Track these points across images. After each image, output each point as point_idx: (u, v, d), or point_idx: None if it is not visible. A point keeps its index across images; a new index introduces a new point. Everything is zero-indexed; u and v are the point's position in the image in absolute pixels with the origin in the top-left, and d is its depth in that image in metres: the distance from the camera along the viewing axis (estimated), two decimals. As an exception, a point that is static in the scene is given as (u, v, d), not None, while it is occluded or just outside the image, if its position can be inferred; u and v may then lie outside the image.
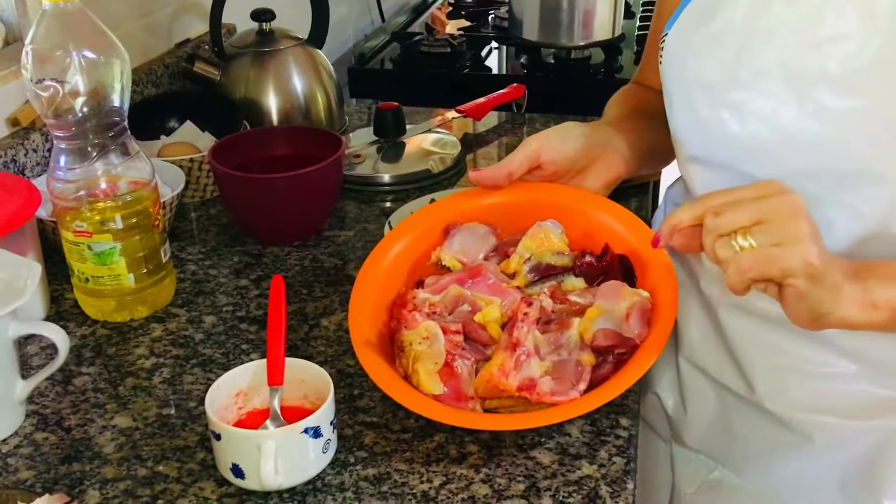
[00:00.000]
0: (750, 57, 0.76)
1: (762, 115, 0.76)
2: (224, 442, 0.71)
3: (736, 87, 0.77)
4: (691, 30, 0.81)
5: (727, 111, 0.78)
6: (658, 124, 0.92)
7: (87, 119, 0.85)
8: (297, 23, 1.41)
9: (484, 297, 0.81)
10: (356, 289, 0.82)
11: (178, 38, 1.45)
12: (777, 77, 0.74)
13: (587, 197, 0.87)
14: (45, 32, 0.82)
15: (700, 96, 0.80)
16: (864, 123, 0.71)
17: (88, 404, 0.82)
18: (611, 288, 0.79)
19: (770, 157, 0.76)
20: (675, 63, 0.83)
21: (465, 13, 2.10)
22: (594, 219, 0.86)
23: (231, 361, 0.88)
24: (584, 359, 0.75)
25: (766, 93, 0.75)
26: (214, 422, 0.71)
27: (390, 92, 1.71)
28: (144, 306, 0.94)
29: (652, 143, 0.93)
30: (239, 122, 1.25)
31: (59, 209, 0.89)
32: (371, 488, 0.72)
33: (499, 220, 0.88)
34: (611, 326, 0.76)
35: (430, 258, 0.87)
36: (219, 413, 0.73)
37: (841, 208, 0.74)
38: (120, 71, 0.85)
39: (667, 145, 0.88)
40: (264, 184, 1.04)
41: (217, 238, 1.11)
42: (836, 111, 0.72)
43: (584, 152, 0.87)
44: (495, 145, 1.40)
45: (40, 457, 0.76)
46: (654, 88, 1.00)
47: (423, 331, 0.77)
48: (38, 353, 0.89)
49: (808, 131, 0.73)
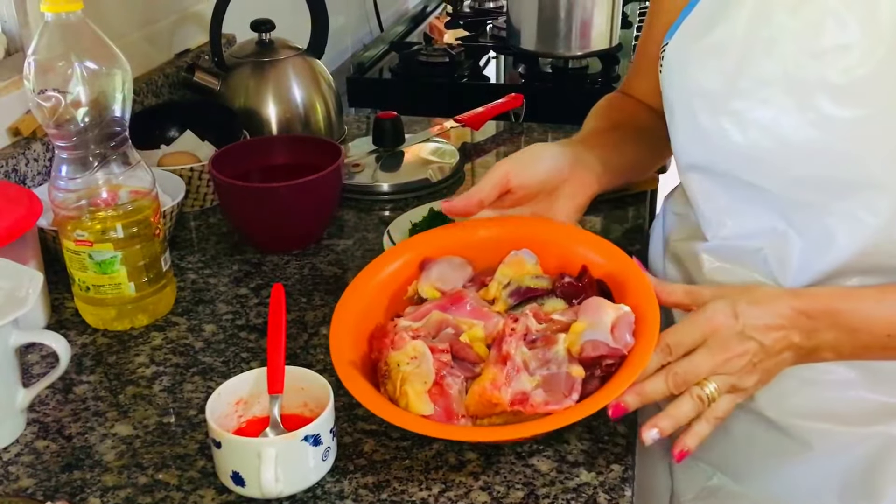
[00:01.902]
0: (751, 66, 0.77)
1: (763, 125, 0.76)
2: (224, 450, 0.71)
3: (737, 97, 0.78)
4: (692, 40, 0.81)
5: (728, 120, 0.78)
6: (636, 138, 0.93)
7: (88, 129, 0.85)
8: (297, 33, 1.41)
9: (466, 320, 0.80)
10: (335, 321, 0.80)
11: (179, 49, 1.46)
12: (778, 86, 0.75)
13: (558, 227, 0.87)
14: (47, 43, 0.83)
15: (701, 105, 0.80)
16: (865, 133, 0.72)
17: (89, 412, 0.83)
18: (593, 304, 0.79)
19: (771, 167, 0.77)
20: (675, 72, 0.83)
21: (463, 23, 2.11)
22: (568, 248, 0.85)
23: (231, 370, 0.88)
24: (573, 371, 0.75)
25: (768, 102, 0.76)
26: (215, 429, 0.71)
27: (389, 101, 1.71)
28: (145, 315, 0.95)
29: (627, 157, 0.94)
30: (238, 131, 1.26)
31: (61, 218, 0.90)
32: (370, 496, 0.72)
33: (472, 256, 0.87)
34: (598, 337, 0.76)
35: (406, 292, 0.86)
36: (219, 421, 0.73)
37: (842, 218, 0.75)
38: (121, 81, 0.86)
39: (644, 158, 0.89)
40: (264, 193, 1.05)
41: (217, 247, 1.12)
42: (837, 121, 0.72)
43: (555, 173, 0.86)
44: (493, 154, 1.41)
45: (41, 465, 0.77)
46: (637, 99, 1.01)
47: (411, 350, 0.76)
48: (39, 362, 0.90)
49: (809, 140, 0.74)
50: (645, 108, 0.99)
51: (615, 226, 1.15)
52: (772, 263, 0.80)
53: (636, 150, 0.92)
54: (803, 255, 0.78)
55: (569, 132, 1.45)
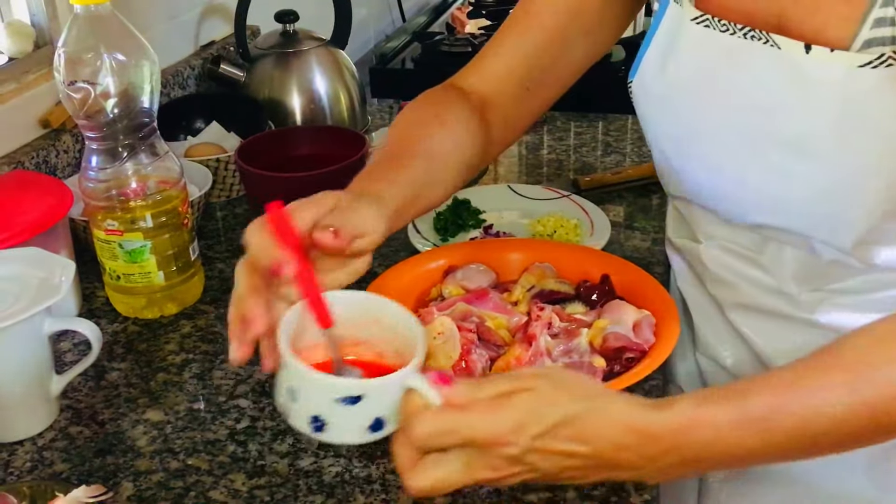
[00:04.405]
0: (703, 115, 0.75)
1: (724, 169, 0.75)
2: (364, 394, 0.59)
3: (698, 141, 0.77)
4: (650, 80, 0.80)
5: (695, 162, 0.78)
6: (430, 156, 0.77)
7: (117, 120, 0.86)
8: (320, 24, 1.42)
9: (490, 313, 0.82)
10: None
11: (204, 41, 1.47)
12: (733, 135, 0.74)
13: (580, 249, 0.95)
14: (76, 35, 0.84)
15: (669, 147, 0.80)
16: (823, 183, 0.70)
17: (121, 399, 0.84)
18: (615, 306, 0.81)
19: (741, 209, 0.77)
20: (642, 111, 0.83)
21: (485, 12, 2.11)
22: (588, 267, 0.89)
23: (258, 356, 0.89)
24: (595, 361, 0.76)
25: (727, 148, 0.75)
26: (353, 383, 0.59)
27: (412, 91, 1.70)
28: (174, 303, 0.96)
29: (415, 186, 0.75)
30: (264, 122, 1.27)
31: (91, 208, 0.91)
32: (398, 481, 0.73)
33: (496, 270, 0.90)
34: (620, 331, 0.77)
35: (430, 294, 0.88)
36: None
37: (813, 242, 0.75)
38: (149, 72, 0.87)
39: (438, 181, 0.77)
40: (290, 182, 1.06)
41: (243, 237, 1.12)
42: (794, 171, 0.71)
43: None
44: (515, 144, 1.41)
45: (75, 450, 0.78)
46: (466, 92, 0.86)
47: (439, 325, 0.78)
48: (72, 350, 0.91)
49: (770, 187, 0.73)
50: (467, 104, 0.85)
51: (639, 214, 1.15)
52: (768, 266, 0.80)
53: (428, 173, 0.77)
54: (797, 259, 0.78)
55: (592, 121, 1.45)
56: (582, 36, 0.86)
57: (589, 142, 1.39)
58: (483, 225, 1.10)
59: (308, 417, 0.60)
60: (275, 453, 0.77)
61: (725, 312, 0.87)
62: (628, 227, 1.12)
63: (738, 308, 0.85)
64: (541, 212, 1.11)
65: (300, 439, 0.78)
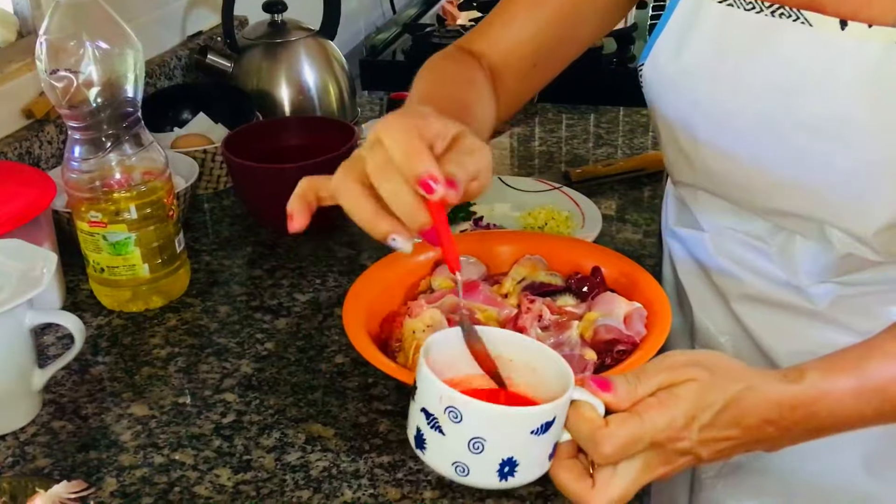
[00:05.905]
0: (721, 98, 0.74)
1: (739, 153, 0.74)
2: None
3: (712, 125, 0.76)
4: (664, 63, 0.79)
5: (707, 147, 0.77)
6: (475, 118, 0.77)
7: (101, 110, 0.85)
8: (309, 14, 1.41)
9: (480, 306, 0.81)
10: (350, 295, 0.81)
11: (191, 31, 1.45)
12: (751, 117, 0.73)
13: (571, 241, 0.92)
14: (59, 22, 0.82)
15: (681, 131, 0.79)
16: (848, 165, 0.69)
17: (105, 393, 0.83)
18: (606, 298, 0.80)
19: (753, 195, 0.76)
20: (653, 95, 0.81)
21: (476, 4, 2.09)
22: (579, 259, 0.87)
23: (245, 350, 0.88)
24: (586, 354, 0.75)
25: (744, 130, 0.74)
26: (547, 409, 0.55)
27: (402, 83, 1.70)
28: (159, 296, 0.95)
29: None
30: (251, 113, 1.25)
31: (74, 200, 0.90)
32: (386, 475, 0.72)
33: (487, 263, 0.89)
34: (611, 323, 0.77)
35: (419, 287, 0.87)
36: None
37: (828, 230, 0.74)
38: (133, 61, 0.85)
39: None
40: (278, 174, 1.04)
41: (231, 229, 1.11)
42: (815, 153, 0.70)
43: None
44: (507, 135, 1.40)
45: (57, 445, 0.77)
46: (478, 57, 0.85)
47: (428, 318, 0.77)
48: (55, 343, 0.90)
49: (787, 170, 0.72)
50: (481, 72, 0.84)
51: (630, 206, 1.14)
52: (777, 256, 0.79)
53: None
54: (808, 250, 0.77)
55: (584, 113, 1.44)
56: (593, 12, 0.84)
57: (580, 134, 1.38)
58: (473, 217, 1.09)
59: (497, 465, 0.53)
60: (261, 448, 0.75)
61: (730, 304, 0.86)
62: (620, 220, 1.11)
63: (743, 299, 0.84)
64: (532, 204, 1.10)
65: (287, 434, 0.77)
